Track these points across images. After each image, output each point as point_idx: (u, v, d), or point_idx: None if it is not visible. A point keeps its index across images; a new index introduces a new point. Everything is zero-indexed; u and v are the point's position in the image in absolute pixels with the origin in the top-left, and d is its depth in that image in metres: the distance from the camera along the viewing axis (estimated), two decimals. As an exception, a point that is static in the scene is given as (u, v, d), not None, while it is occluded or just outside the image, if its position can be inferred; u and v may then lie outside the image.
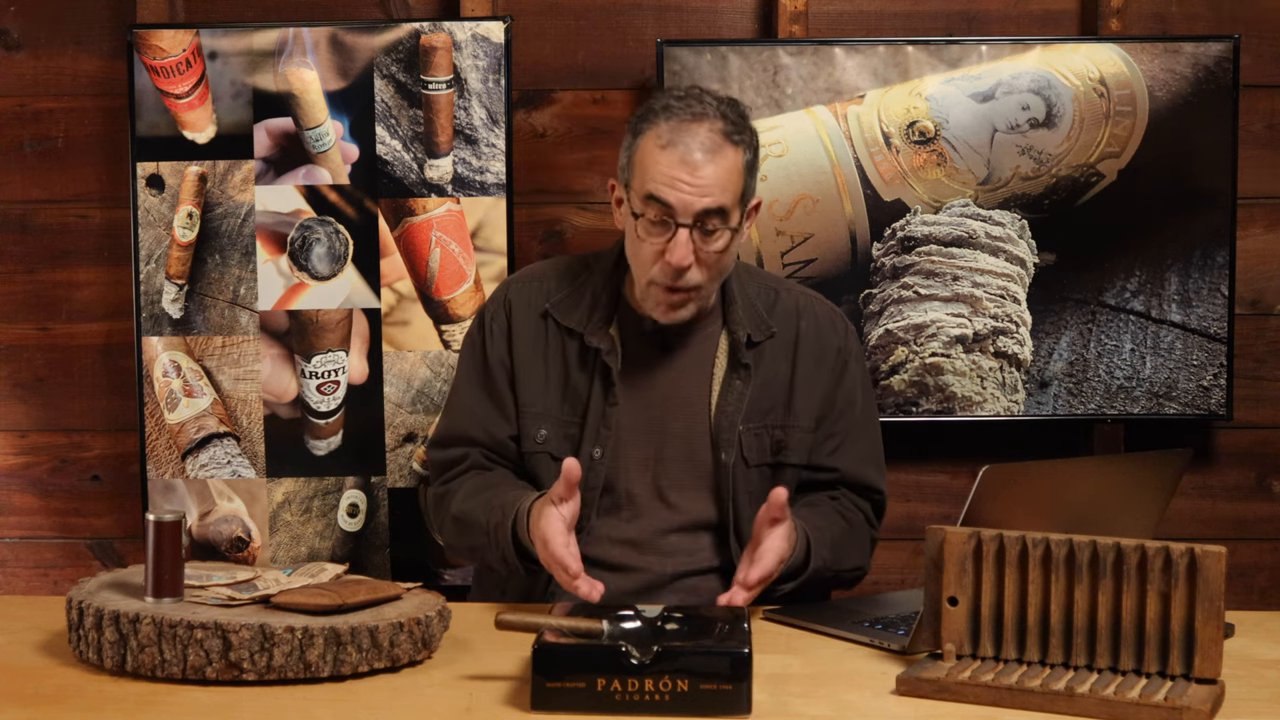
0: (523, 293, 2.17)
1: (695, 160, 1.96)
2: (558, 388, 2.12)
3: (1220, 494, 2.86)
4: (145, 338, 2.73)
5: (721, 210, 1.97)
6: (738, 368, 2.10)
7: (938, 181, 2.70)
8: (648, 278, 2.02)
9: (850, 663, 1.74)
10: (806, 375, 2.13)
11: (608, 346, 2.09)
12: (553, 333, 2.13)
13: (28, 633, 1.83)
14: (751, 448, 2.10)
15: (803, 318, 2.16)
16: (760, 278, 2.23)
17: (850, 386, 2.17)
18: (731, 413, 2.09)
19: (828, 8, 2.80)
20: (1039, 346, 2.72)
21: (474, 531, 2.06)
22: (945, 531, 1.65)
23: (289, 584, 1.76)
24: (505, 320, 2.16)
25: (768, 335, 2.12)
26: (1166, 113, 2.69)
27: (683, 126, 1.98)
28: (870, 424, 2.20)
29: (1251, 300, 2.81)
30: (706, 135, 1.97)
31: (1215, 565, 1.53)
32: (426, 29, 2.69)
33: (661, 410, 2.10)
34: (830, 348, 2.16)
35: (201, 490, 2.74)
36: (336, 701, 1.57)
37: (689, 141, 1.96)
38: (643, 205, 1.99)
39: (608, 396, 2.09)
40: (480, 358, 2.17)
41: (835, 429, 2.15)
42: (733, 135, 1.99)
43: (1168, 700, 1.50)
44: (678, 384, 2.12)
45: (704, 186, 1.96)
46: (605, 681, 1.52)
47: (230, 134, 2.71)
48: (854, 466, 2.16)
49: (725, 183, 1.97)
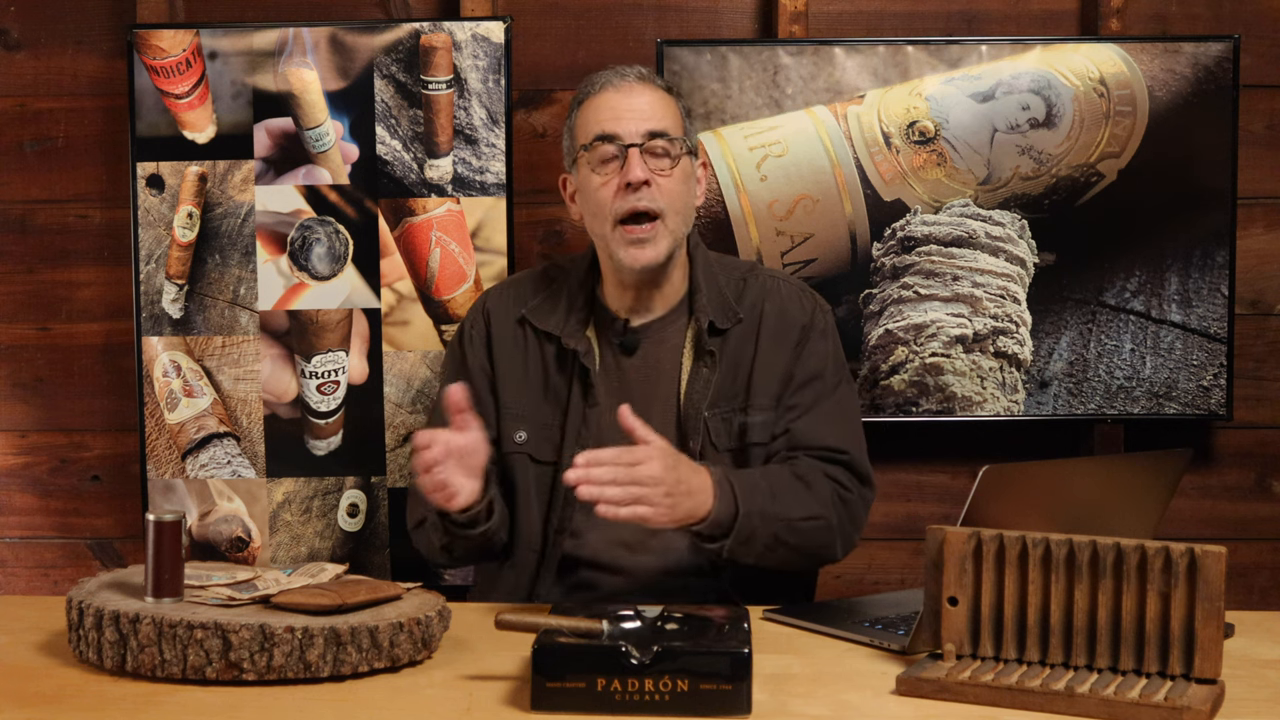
0: (499, 301, 2.22)
1: (629, 90, 2.11)
2: (537, 390, 2.16)
3: (1220, 494, 2.86)
4: (145, 338, 2.73)
5: (664, 133, 2.09)
6: (703, 355, 2.12)
7: (938, 181, 2.71)
8: (611, 218, 2.08)
9: (850, 663, 1.74)
10: (766, 356, 2.14)
11: (585, 348, 2.13)
12: (530, 338, 2.17)
13: (28, 633, 1.83)
14: (719, 433, 2.11)
15: (768, 300, 2.17)
16: (731, 266, 2.25)
17: (811, 360, 2.15)
18: (697, 400, 2.11)
19: (828, 8, 2.80)
20: (1039, 346, 2.72)
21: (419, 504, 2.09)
22: (945, 531, 1.65)
23: (289, 584, 1.76)
24: (484, 328, 2.21)
25: (735, 321, 2.14)
26: (1166, 113, 2.69)
27: (609, 78, 2.14)
28: (837, 394, 2.16)
29: (1251, 300, 2.81)
30: (634, 76, 2.14)
31: (1215, 565, 1.53)
32: (426, 29, 2.69)
33: (640, 406, 2.10)
34: (793, 325, 2.15)
35: (201, 490, 2.74)
36: (336, 701, 1.57)
37: (618, 82, 2.13)
38: (590, 147, 2.10)
39: (587, 398, 2.12)
40: (461, 364, 2.21)
41: (794, 401, 2.13)
42: (659, 82, 2.16)
43: (1168, 700, 1.50)
44: (651, 379, 2.14)
45: (643, 110, 2.09)
46: (605, 681, 1.52)
47: (230, 134, 2.71)
48: (809, 428, 2.11)
49: (664, 109, 2.11)
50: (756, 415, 2.12)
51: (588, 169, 2.11)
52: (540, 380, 2.16)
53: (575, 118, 2.16)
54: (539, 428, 2.14)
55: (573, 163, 2.16)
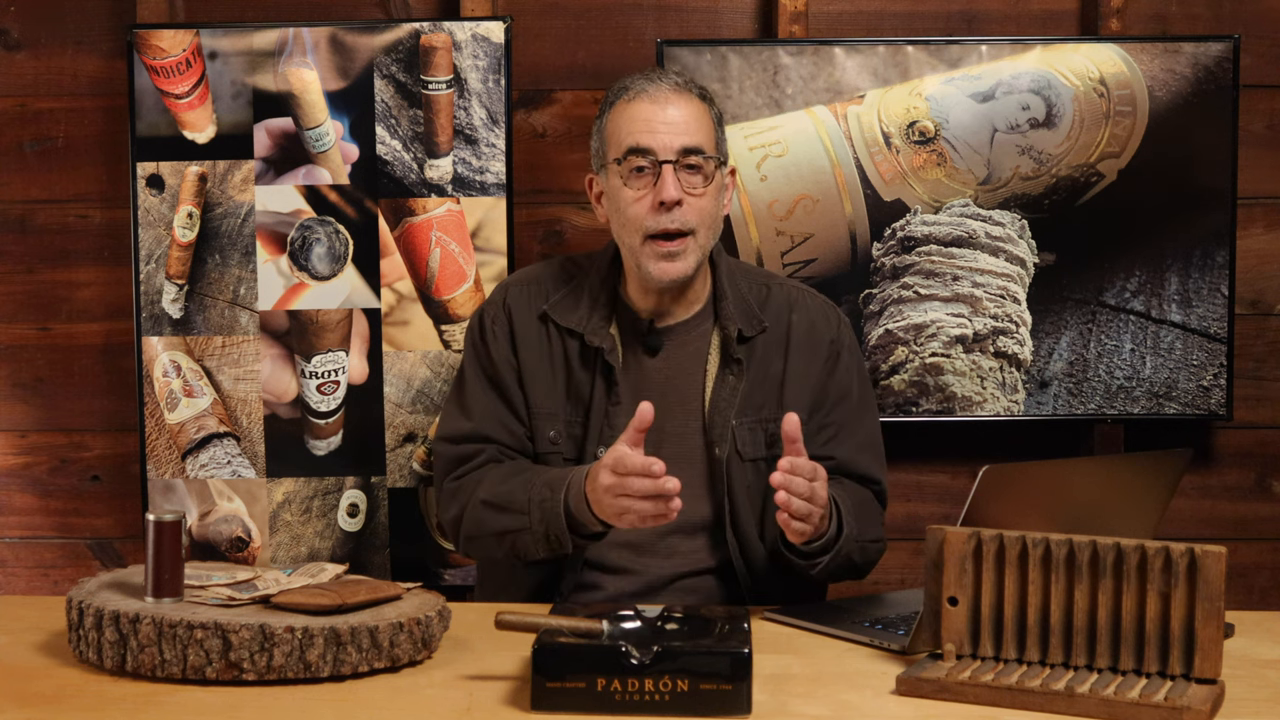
0: (520, 296, 2.19)
1: (665, 101, 2.07)
2: (562, 388, 2.14)
3: (1220, 494, 2.86)
4: (145, 338, 2.73)
5: (699, 150, 2.06)
6: (730, 363, 2.11)
7: (938, 181, 2.70)
8: (641, 232, 2.06)
9: (850, 663, 1.74)
10: (798, 368, 2.14)
11: (609, 345, 2.11)
12: (553, 334, 2.15)
13: (28, 633, 1.83)
14: (746, 442, 2.11)
15: (795, 311, 2.17)
16: (752, 274, 2.25)
17: (843, 377, 2.17)
18: (724, 408, 2.10)
19: (828, 8, 2.80)
20: (1039, 346, 2.72)
21: (509, 513, 2.03)
22: (945, 531, 1.65)
23: (289, 584, 1.76)
24: (507, 324, 2.17)
25: (760, 330, 2.14)
26: (1166, 113, 2.69)
27: (644, 85, 2.09)
28: (867, 414, 2.20)
29: (1251, 300, 2.81)
30: (669, 86, 2.09)
31: (1215, 565, 1.53)
32: (426, 29, 2.68)
33: (659, 409, 2.10)
34: (823, 340, 2.17)
35: (201, 490, 2.74)
36: (336, 701, 1.57)
37: (653, 91, 2.08)
38: (624, 160, 2.06)
39: (610, 395, 2.10)
40: (487, 359, 2.18)
41: (829, 420, 2.16)
42: (694, 89, 2.11)
43: (1168, 700, 1.50)
44: (673, 382, 2.13)
45: (678, 124, 2.06)
46: (605, 681, 1.52)
47: (230, 134, 2.71)
48: (851, 455, 2.16)
49: (698, 123, 2.07)
50: None
51: (618, 179, 2.08)
52: (564, 377, 2.14)
53: (606, 122, 2.12)
54: (565, 425, 2.13)
55: (601, 166, 2.13)
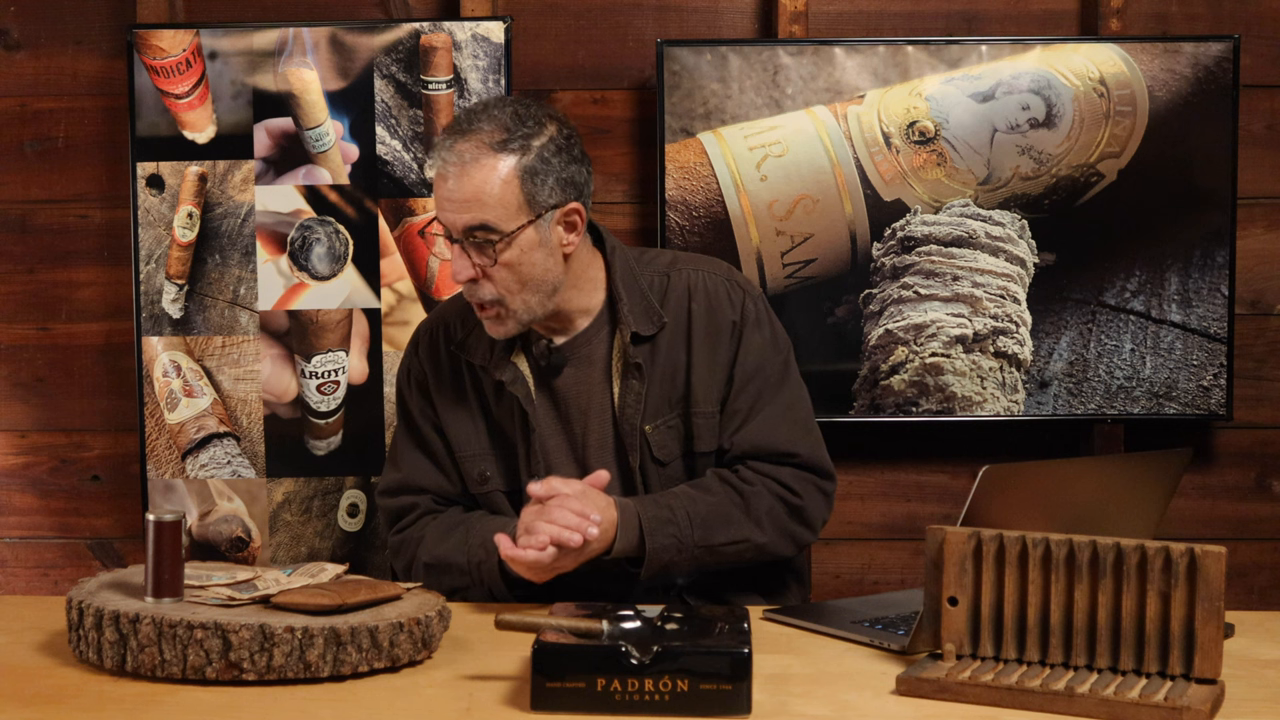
0: (429, 338, 2.16)
1: (456, 173, 1.94)
2: (483, 425, 2.11)
3: (1220, 494, 2.86)
4: (145, 338, 2.73)
5: (484, 225, 1.94)
6: (629, 368, 2.05)
7: (938, 181, 2.71)
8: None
9: (850, 663, 1.74)
10: (703, 358, 2.06)
11: (510, 377, 2.06)
12: (466, 371, 2.11)
13: (28, 633, 1.83)
14: (661, 445, 2.06)
15: (694, 299, 2.08)
16: (653, 263, 2.14)
17: (751, 357, 2.08)
18: (631, 415, 2.05)
19: (828, 8, 2.80)
20: (1039, 346, 2.72)
21: (452, 574, 2.03)
22: (945, 531, 1.65)
23: (289, 584, 1.76)
24: (421, 371, 2.14)
25: (659, 326, 2.06)
26: (1166, 113, 2.69)
27: (449, 144, 1.96)
28: (784, 388, 2.10)
29: (1251, 300, 2.81)
30: (467, 148, 1.94)
31: (1215, 565, 1.53)
32: (426, 29, 2.69)
33: (579, 424, 2.08)
34: (724, 323, 2.07)
35: (201, 490, 2.74)
36: (336, 701, 1.57)
37: (448, 158, 1.95)
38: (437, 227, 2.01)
39: (525, 425, 2.07)
40: (405, 411, 2.16)
41: (737, 406, 2.07)
42: (503, 144, 1.94)
43: (1168, 700, 1.50)
44: (587, 395, 2.08)
45: (460, 202, 1.94)
46: (605, 681, 1.52)
47: (230, 134, 2.71)
48: (764, 433, 2.06)
49: (483, 195, 1.94)
50: (701, 421, 2.06)
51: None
52: (483, 414, 2.10)
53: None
54: (495, 460, 2.10)
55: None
